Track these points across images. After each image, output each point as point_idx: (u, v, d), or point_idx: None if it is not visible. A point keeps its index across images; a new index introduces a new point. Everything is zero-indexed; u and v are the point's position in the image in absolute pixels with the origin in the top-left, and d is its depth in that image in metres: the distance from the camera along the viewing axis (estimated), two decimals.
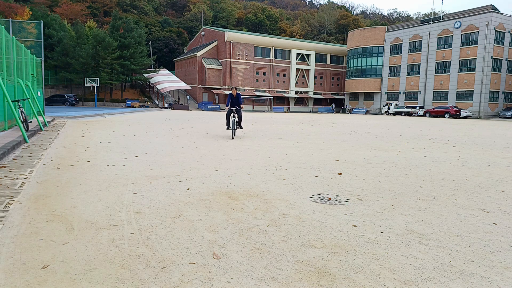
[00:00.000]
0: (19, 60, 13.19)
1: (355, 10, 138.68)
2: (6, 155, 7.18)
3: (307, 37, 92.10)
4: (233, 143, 10.61)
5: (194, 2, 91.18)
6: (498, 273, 2.68)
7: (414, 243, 3.22)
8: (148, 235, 3.25)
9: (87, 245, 3.01)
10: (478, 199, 4.85)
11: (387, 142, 12.21)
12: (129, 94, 59.18)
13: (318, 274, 2.60)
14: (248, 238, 3.24)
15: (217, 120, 24.74)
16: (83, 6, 72.22)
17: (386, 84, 58.35)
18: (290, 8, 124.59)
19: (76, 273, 2.52)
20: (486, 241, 3.32)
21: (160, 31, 76.24)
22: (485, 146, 11.52)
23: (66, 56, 47.97)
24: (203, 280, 2.46)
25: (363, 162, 7.68)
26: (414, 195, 4.94)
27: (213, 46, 60.84)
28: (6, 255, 2.77)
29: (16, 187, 4.83)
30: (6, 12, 47.88)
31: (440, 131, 18.63)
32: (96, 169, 6.23)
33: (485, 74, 46.19)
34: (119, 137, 11.51)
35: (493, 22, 45.62)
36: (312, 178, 5.88)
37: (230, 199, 4.51)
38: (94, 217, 3.71)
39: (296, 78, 64.70)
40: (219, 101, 58.84)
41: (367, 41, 59.93)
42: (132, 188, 4.93)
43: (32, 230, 3.31)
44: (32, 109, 15.24)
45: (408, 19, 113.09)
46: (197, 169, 6.47)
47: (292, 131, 16.13)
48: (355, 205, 4.37)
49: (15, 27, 21.23)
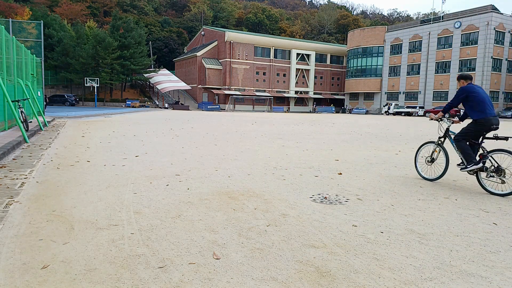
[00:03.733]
0: (19, 60, 13.19)
1: (355, 10, 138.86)
2: (6, 155, 7.18)
3: (307, 37, 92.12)
4: (233, 143, 10.61)
5: (194, 2, 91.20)
6: (498, 273, 2.68)
7: (414, 243, 3.22)
8: (148, 235, 3.25)
9: (87, 245, 3.01)
10: (478, 199, 4.85)
11: (387, 142, 12.21)
12: (129, 94, 59.19)
13: (318, 274, 2.60)
14: (248, 238, 3.24)
15: (217, 120, 24.74)
16: (83, 6, 72.24)
17: (386, 84, 58.37)
18: (290, 8, 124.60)
19: (76, 273, 2.52)
20: (486, 241, 3.32)
21: (160, 31, 76.26)
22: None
23: (66, 56, 47.99)
24: (203, 280, 2.46)
25: (363, 162, 7.68)
26: (414, 195, 4.94)
27: (213, 46, 60.86)
28: (6, 255, 2.77)
29: (16, 187, 4.83)
30: (6, 12, 47.89)
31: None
32: (96, 169, 6.23)
33: (485, 74, 46.20)
34: (119, 137, 11.51)
35: (493, 22, 45.63)
36: (312, 178, 5.88)
37: (230, 199, 4.51)
38: (94, 217, 3.71)
39: (296, 78, 64.72)
40: (219, 101, 58.86)
41: (367, 41, 59.96)
42: (132, 188, 4.93)
43: (32, 230, 3.31)
44: (32, 109, 15.24)
45: (408, 19, 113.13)
46: (197, 169, 6.47)
47: (292, 131, 16.13)
48: (355, 205, 4.37)
49: (15, 27, 21.25)
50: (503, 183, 5.04)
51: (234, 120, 25.37)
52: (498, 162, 5.09)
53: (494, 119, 5.31)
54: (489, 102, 5.40)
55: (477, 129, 5.37)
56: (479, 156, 5.37)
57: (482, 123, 5.30)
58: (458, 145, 5.57)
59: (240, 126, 18.41)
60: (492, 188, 5.14)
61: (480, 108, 5.32)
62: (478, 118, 5.32)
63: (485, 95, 5.46)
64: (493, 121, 5.27)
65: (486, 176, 5.21)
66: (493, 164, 5.13)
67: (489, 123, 5.26)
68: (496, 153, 5.18)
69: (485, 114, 5.29)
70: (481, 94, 5.39)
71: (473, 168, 5.26)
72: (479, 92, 5.41)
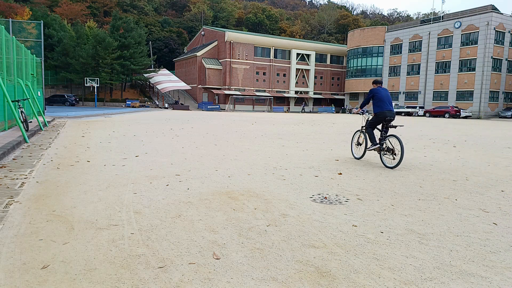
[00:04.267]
0: (19, 60, 13.19)
1: (355, 10, 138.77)
2: (6, 155, 7.18)
3: (307, 37, 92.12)
4: (233, 143, 10.61)
5: (194, 2, 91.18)
6: (498, 273, 2.68)
7: (414, 243, 3.22)
8: (148, 235, 3.25)
9: (87, 245, 3.01)
10: (478, 199, 4.85)
11: None
12: (129, 94, 59.18)
13: (318, 274, 2.60)
14: (248, 238, 3.24)
15: (217, 120, 24.75)
16: (83, 6, 72.21)
17: (386, 84, 58.32)
18: (290, 8, 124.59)
19: (76, 273, 2.52)
20: (486, 241, 3.32)
21: (160, 31, 76.25)
22: (485, 146, 11.53)
23: (66, 56, 47.98)
24: (203, 280, 2.46)
25: (363, 162, 7.68)
26: (414, 195, 4.94)
27: (213, 46, 60.84)
28: (6, 255, 2.77)
29: (16, 187, 4.83)
30: (6, 12, 47.87)
31: (440, 131, 18.64)
32: (96, 169, 6.23)
33: (485, 74, 46.19)
34: (119, 137, 11.52)
35: (493, 22, 45.62)
36: (312, 178, 5.88)
37: (230, 199, 4.51)
38: (94, 217, 3.71)
39: (296, 78, 64.69)
40: (219, 101, 58.86)
41: (367, 41, 59.94)
42: (132, 188, 4.94)
43: (32, 230, 3.31)
44: (32, 109, 15.24)
45: (408, 19, 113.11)
46: (197, 169, 6.47)
47: (292, 131, 16.13)
48: (355, 205, 4.38)
49: (15, 27, 21.25)
50: (394, 159, 6.91)
51: (234, 120, 25.37)
52: (392, 144, 6.95)
53: (388, 112, 7.07)
54: (387, 101, 7.14)
55: (376, 119, 7.27)
56: (379, 139, 7.21)
57: (379, 115, 7.16)
58: (366, 131, 7.51)
59: (240, 126, 18.41)
60: (387, 163, 7.05)
61: (379, 105, 7.14)
62: (377, 112, 7.20)
63: (386, 95, 7.22)
64: (387, 114, 7.07)
65: (383, 154, 7.12)
66: (387, 145, 7.03)
67: (384, 115, 7.09)
68: (389, 137, 7.04)
69: (381, 109, 7.10)
70: (381, 95, 7.17)
71: (374, 147, 7.22)
72: (381, 93, 7.19)
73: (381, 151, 7.12)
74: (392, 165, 6.85)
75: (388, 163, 7.03)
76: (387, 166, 6.96)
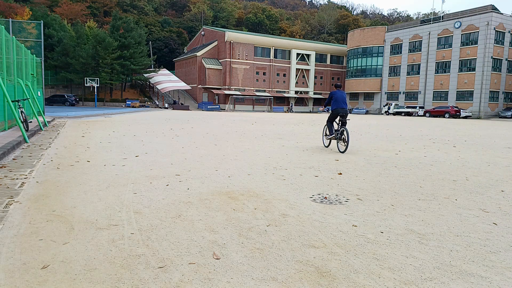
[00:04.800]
0: (19, 60, 13.19)
1: (355, 10, 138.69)
2: (6, 155, 7.18)
3: (307, 37, 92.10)
4: (233, 143, 10.61)
5: (194, 2, 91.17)
6: (498, 273, 2.68)
7: (414, 243, 3.22)
8: (148, 235, 3.25)
9: (87, 245, 3.01)
10: (478, 199, 4.85)
11: (387, 142, 12.21)
12: (129, 94, 59.17)
13: (318, 274, 2.60)
14: (248, 238, 3.24)
15: (217, 120, 24.75)
16: (83, 6, 72.18)
17: (386, 84, 58.35)
18: (290, 8, 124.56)
19: (76, 273, 2.52)
20: (486, 241, 3.32)
21: (160, 31, 76.23)
22: (485, 146, 11.53)
23: (66, 56, 47.96)
24: (203, 280, 2.46)
25: (363, 162, 7.68)
26: (414, 195, 4.94)
27: (213, 46, 60.83)
28: (6, 255, 2.77)
29: (16, 187, 4.83)
30: (6, 12, 47.87)
31: (440, 131, 18.63)
32: (96, 169, 6.23)
33: (485, 74, 46.18)
34: (119, 137, 11.52)
35: (493, 22, 45.62)
36: (312, 178, 5.88)
37: (230, 199, 4.51)
38: (94, 217, 3.71)
39: (296, 78, 64.68)
40: (219, 101, 58.85)
41: (367, 41, 59.93)
42: (132, 188, 4.94)
43: (32, 230, 3.31)
44: (32, 109, 15.24)
45: (408, 19, 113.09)
46: (197, 169, 6.47)
47: (292, 131, 16.13)
48: (355, 205, 4.38)
49: (15, 27, 21.23)
50: (346, 146, 8.93)
51: (234, 120, 25.37)
52: (344, 134, 9.04)
53: (341, 109, 9.22)
54: (341, 101, 9.25)
55: (332, 115, 9.48)
56: (335, 131, 9.35)
57: (333, 112, 9.40)
58: (326, 124, 9.71)
59: (240, 126, 18.41)
60: (341, 149, 9.10)
61: (334, 104, 9.33)
62: (331, 109, 9.45)
63: (341, 96, 9.29)
64: (340, 111, 9.24)
65: (338, 142, 9.23)
66: (342, 135, 9.12)
67: (337, 112, 9.29)
68: (343, 129, 9.10)
69: (335, 106, 9.27)
70: (337, 96, 9.29)
71: (332, 136, 9.43)
72: (337, 94, 9.31)
73: (337, 139, 9.25)
74: (342, 150, 9.02)
75: (341, 148, 9.13)
76: (340, 151, 9.07)
